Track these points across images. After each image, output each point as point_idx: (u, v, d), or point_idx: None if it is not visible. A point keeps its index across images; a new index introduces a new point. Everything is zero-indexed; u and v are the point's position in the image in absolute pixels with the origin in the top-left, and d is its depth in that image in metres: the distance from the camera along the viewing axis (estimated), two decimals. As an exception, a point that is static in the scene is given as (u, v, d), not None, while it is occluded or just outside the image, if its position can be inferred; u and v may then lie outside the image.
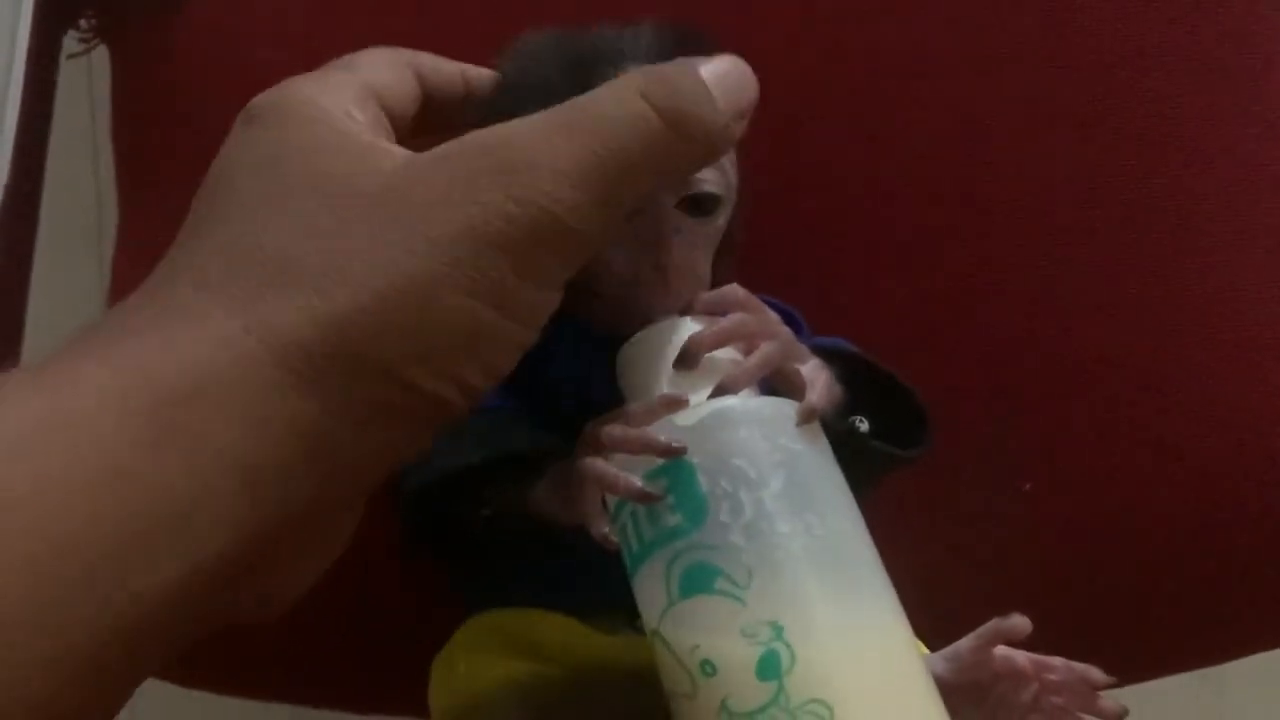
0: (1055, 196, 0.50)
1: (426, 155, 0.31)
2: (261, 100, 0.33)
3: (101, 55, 0.56)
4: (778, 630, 0.31)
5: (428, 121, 0.37)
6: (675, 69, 0.32)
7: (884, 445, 0.39)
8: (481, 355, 0.31)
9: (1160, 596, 0.49)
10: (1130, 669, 0.43)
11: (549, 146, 0.30)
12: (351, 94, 0.34)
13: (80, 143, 0.66)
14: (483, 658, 0.37)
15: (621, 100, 0.31)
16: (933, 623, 0.38)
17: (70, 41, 0.55)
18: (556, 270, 0.31)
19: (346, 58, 0.36)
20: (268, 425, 0.28)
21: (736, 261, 0.40)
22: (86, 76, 0.61)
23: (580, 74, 0.36)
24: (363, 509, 0.33)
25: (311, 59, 0.49)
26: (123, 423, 0.27)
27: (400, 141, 0.33)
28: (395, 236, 0.30)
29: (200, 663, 0.49)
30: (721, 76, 0.33)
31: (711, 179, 0.37)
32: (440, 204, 0.30)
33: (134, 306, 0.30)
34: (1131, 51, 0.50)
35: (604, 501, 0.34)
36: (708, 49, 0.39)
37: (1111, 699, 0.37)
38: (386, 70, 0.36)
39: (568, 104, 0.31)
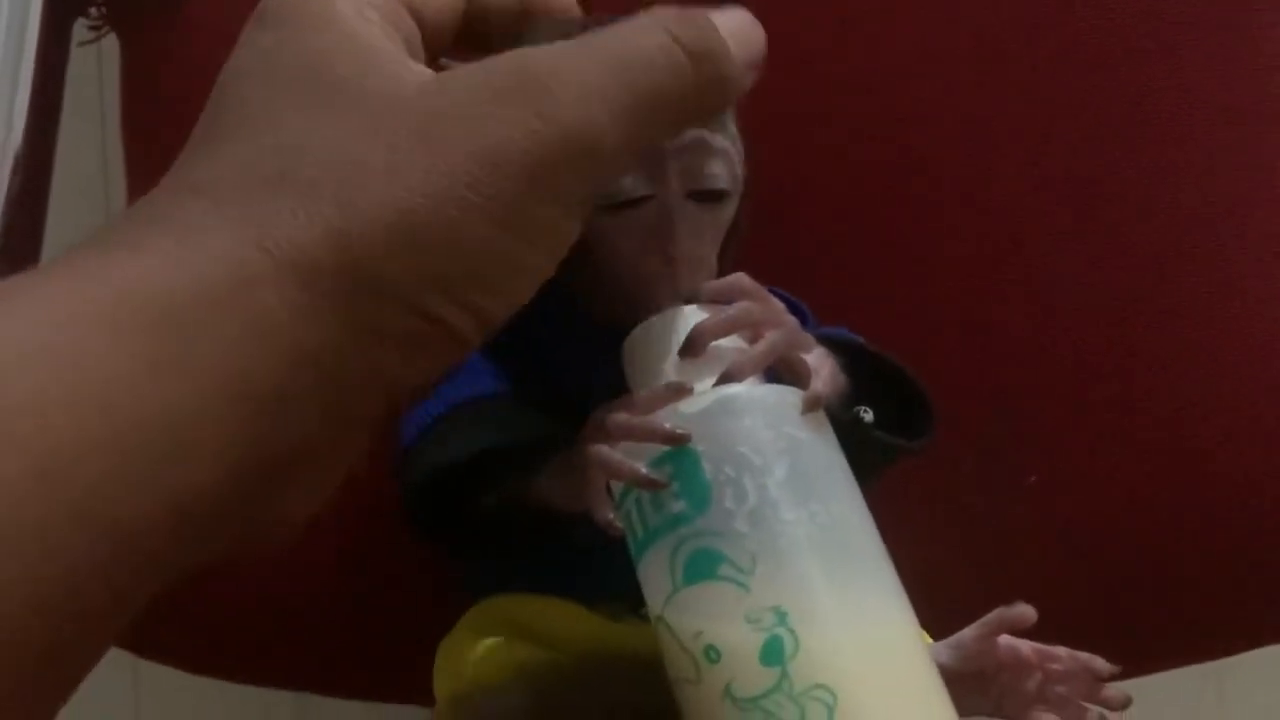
0: (1059, 196, 0.50)
1: (450, 72, 0.30)
2: (272, 0, 0.31)
3: (111, 42, 0.56)
4: (781, 616, 0.31)
5: (474, 36, 0.35)
6: (697, 13, 0.32)
7: (888, 435, 0.39)
8: (500, 283, 0.30)
9: (1162, 591, 0.49)
10: (1132, 662, 0.43)
11: (579, 68, 0.30)
12: None
13: (90, 128, 0.66)
14: (487, 644, 0.37)
15: (651, 33, 0.31)
16: (936, 615, 0.38)
17: (81, 29, 0.55)
18: (578, 194, 0.30)
19: None
20: (276, 349, 0.27)
21: (745, 258, 0.40)
22: (96, 63, 0.61)
23: None
24: (366, 441, 0.32)
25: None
26: (118, 341, 0.25)
27: (438, 55, 0.33)
28: (415, 152, 0.28)
29: (207, 650, 0.50)
30: (735, 28, 0.32)
31: (719, 173, 0.37)
32: (463, 119, 0.29)
33: (135, 220, 0.28)
34: (1141, 49, 0.50)
35: (609, 488, 0.34)
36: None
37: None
38: None
39: (597, 33, 0.31)
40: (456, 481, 0.37)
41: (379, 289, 0.28)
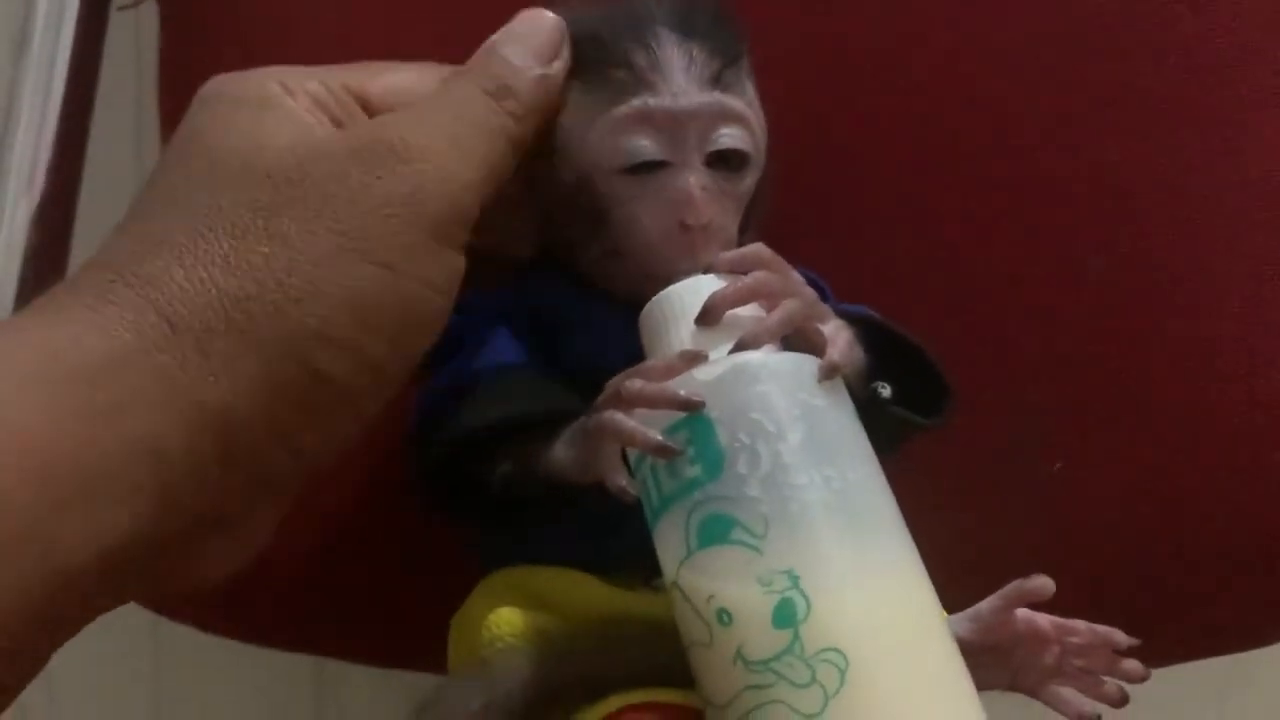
0: (1090, 185, 0.50)
1: (332, 134, 0.34)
2: (205, 87, 0.35)
3: (150, 11, 0.57)
4: (794, 579, 0.31)
5: None
6: (481, 54, 0.37)
7: (905, 411, 0.39)
8: (387, 324, 0.32)
9: (1186, 580, 0.49)
10: (1160, 651, 0.42)
11: (436, 135, 0.34)
12: (307, 78, 0.35)
13: (125, 100, 0.67)
14: (501, 613, 0.37)
15: (473, 100, 0.36)
16: (958, 597, 0.38)
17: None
18: (450, 228, 0.34)
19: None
20: (178, 407, 0.29)
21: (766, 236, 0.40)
22: (134, 33, 0.62)
23: (609, 35, 0.37)
24: (283, 509, 0.34)
25: (356, 11, 0.51)
26: (35, 394, 0.27)
27: None
28: (288, 212, 0.31)
29: (224, 612, 0.50)
30: (511, 35, 0.37)
31: (737, 134, 0.37)
32: (330, 176, 0.32)
33: (64, 290, 0.31)
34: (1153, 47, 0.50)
35: (624, 456, 0.35)
36: (732, 14, 0.39)
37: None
38: (409, 73, 0.38)
39: (439, 101, 0.35)
40: (471, 451, 0.37)
41: (264, 345, 0.30)
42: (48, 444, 0.27)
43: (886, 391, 0.38)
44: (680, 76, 0.37)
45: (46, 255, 0.56)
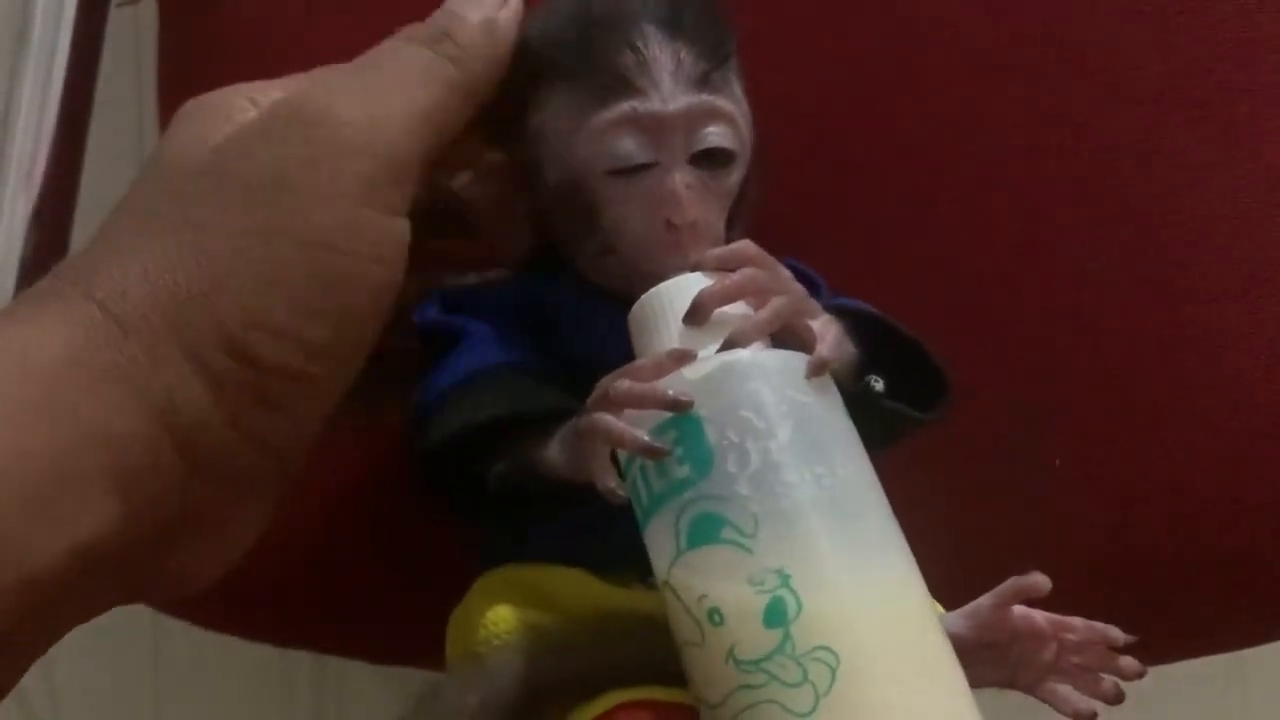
0: (1090, 179, 0.49)
1: (250, 122, 0.33)
2: (182, 106, 0.35)
3: (149, 9, 0.57)
4: (784, 578, 0.31)
5: None
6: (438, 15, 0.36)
7: (899, 405, 0.38)
8: (325, 303, 0.31)
9: (1184, 578, 0.48)
10: (1157, 650, 0.42)
11: (346, 100, 0.33)
12: (274, 89, 0.35)
13: (126, 95, 0.68)
14: (498, 611, 0.37)
15: (400, 50, 0.35)
16: (955, 593, 0.38)
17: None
18: (383, 193, 0.32)
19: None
20: (128, 401, 0.29)
21: (760, 229, 0.40)
22: (133, 28, 0.62)
23: (596, 33, 0.37)
24: (266, 509, 0.34)
25: (353, 7, 0.51)
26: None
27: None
28: (210, 200, 0.31)
29: (224, 607, 0.51)
30: None
31: (723, 133, 0.37)
32: (247, 157, 0.31)
33: (32, 297, 0.31)
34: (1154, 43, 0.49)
35: (614, 456, 0.34)
36: (725, 13, 0.39)
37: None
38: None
39: (361, 60, 0.34)
40: (466, 450, 0.37)
41: (197, 338, 0.30)
42: (9, 445, 0.27)
43: (879, 385, 0.38)
44: (668, 79, 0.36)
45: (46, 251, 0.56)
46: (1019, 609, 0.37)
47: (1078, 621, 0.37)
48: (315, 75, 0.34)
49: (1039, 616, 0.37)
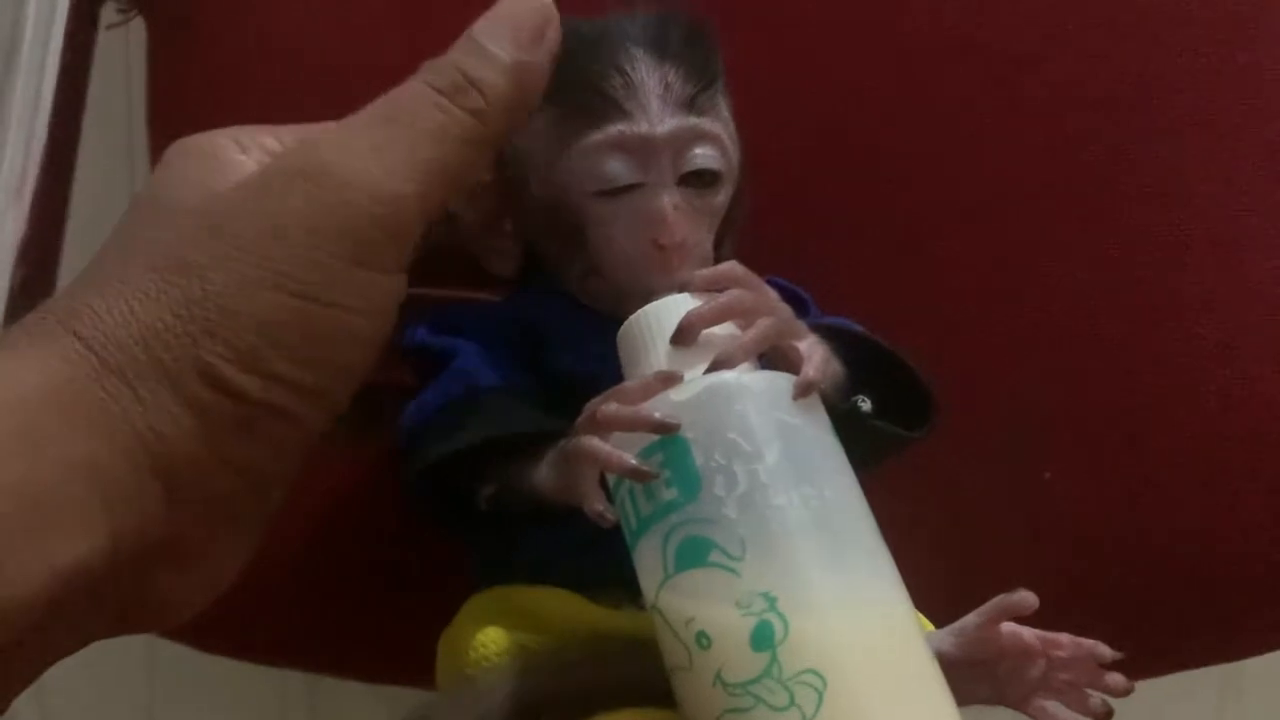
0: (1081, 183, 0.49)
1: (253, 169, 0.33)
2: (169, 148, 0.35)
3: (138, 26, 0.57)
4: (771, 601, 0.31)
5: None
6: (458, 41, 0.34)
7: (887, 424, 0.39)
8: (313, 351, 0.32)
9: (1172, 593, 0.49)
10: (1144, 663, 0.42)
11: (351, 159, 0.32)
12: (262, 134, 0.35)
13: (116, 113, 0.67)
14: (488, 633, 0.37)
15: (417, 95, 0.33)
16: (948, 608, 0.38)
17: (109, 11, 0.57)
18: (381, 252, 0.32)
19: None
20: (109, 431, 0.29)
21: (749, 248, 0.40)
22: (123, 47, 0.62)
23: (583, 56, 0.37)
24: (254, 536, 0.34)
25: (341, 30, 0.51)
26: None
27: None
28: (208, 244, 0.31)
29: (218, 629, 0.51)
30: (492, 17, 0.34)
31: (710, 154, 0.37)
32: (248, 209, 0.31)
33: (20, 331, 0.31)
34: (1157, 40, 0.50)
35: (603, 479, 0.34)
36: (712, 34, 0.39)
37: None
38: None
39: (371, 111, 0.33)
40: (455, 472, 0.37)
41: (181, 373, 0.30)
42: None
43: (867, 406, 0.38)
44: (655, 103, 0.37)
45: (35, 271, 0.56)
46: (1007, 626, 0.37)
47: (1065, 638, 0.37)
48: (324, 128, 0.34)
49: (1027, 633, 0.37)
